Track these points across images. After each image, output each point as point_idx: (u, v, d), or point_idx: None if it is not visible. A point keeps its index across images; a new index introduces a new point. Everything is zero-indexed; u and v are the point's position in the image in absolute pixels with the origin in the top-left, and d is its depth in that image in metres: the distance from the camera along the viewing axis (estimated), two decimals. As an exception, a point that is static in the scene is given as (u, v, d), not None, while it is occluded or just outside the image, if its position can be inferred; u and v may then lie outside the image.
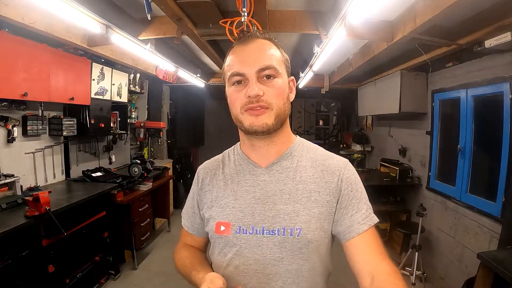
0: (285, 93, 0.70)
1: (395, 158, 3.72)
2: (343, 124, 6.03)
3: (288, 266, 0.67)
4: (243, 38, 0.69)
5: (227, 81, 0.71)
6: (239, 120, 0.69)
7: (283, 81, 0.69)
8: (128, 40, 2.10)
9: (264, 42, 0.69)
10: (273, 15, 2.20)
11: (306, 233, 0.66)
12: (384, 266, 0.64)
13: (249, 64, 0.66)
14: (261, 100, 0.65)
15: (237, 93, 0.67)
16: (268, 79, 0.66)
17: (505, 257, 1.58)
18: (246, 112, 0.67)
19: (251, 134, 0.69)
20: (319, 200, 0.69)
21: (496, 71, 2.13)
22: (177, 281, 2.76)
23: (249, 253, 0.68)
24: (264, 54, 0.67)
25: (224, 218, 0.71)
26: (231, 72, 0.68)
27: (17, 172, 2.15)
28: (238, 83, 0.67)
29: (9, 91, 1.95)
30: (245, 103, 0.66)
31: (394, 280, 0.61)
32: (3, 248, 1.60)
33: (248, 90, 0.65)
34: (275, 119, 0.67)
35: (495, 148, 2.14)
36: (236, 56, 0.69)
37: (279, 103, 0.67)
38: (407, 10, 1.89)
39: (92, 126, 2.74)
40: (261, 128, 0.66)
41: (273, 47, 0.70)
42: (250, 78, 0.65)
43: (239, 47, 0.69)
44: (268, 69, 0.66)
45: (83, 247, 2.30)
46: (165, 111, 4.87)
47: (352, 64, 3.23)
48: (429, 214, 2.71)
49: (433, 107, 2.97)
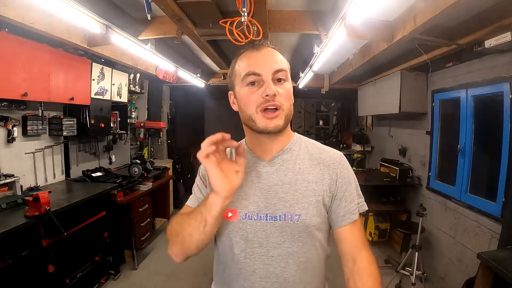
0: (292, 96, 0.77)
1: (395, 158, 3.72)
2: (343, 124, 6.03)
3: (289, 248, 0.74)
4: (257, 45, 0.77)
5: (240, 81, 0.75)
6: (252, 120, 0.74)
7: (290, 85, 0.76)
8: (128, 40, 2.10)
9: (274, 50, 0.77)
10: (273, 15, 2.20)
11: (305, 219, 0.74)
12: (365, 254, 0.77)
13: (265, 66, 0.72)
14: (275, 100, 0.71)
15: (252, 94, 0.72)
16: (280, 82, 0.73)
17: (505, 257, 1.58)
18: (261, 113, 0.72)
19: (263, 133, 0.75)
20: (316, 189, 0.77)
21: (496, 71, 2.13)
22: (177, 281, 2.77)
23: (254, 237, 0.75)
24: (277, 59, 0.75)
25: (231, 205, 0.75)
26: (246, 71, 0.73)
27: (17, 172, 2.15)
28: (252, 84, 0.73)
29: (9, 91, 1.95)
30: (261, 102, 0.71)
31: (371, 267, 0.75)
32: (3, 248, 1.61)
33: (266, 90, 0.70)
34: (285, 120, 0.74)
35: (495, 148, 2.14)
36: (251, 59, 0.75)
37: (288, 104, 0.74)
38: (407, 10, 1.89)
39: (92, 126, 2.74)
40: (274, 129, 0.73)
41: (281, 55, 0.78)
42: (266, 78, 0.71)
43: (252, 52, 0.76)
44: (281, 71, 0.73)
45: (83, 247, 2.30)
46: (165, 111, 4.87)
47: (352, 64, 3.23)
48: (429, 214, 2.71)
49: (433, 107, 2.97)
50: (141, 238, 3.08)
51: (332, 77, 4.28)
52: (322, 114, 6.64)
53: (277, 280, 0.74)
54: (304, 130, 6.47)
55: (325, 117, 6.61)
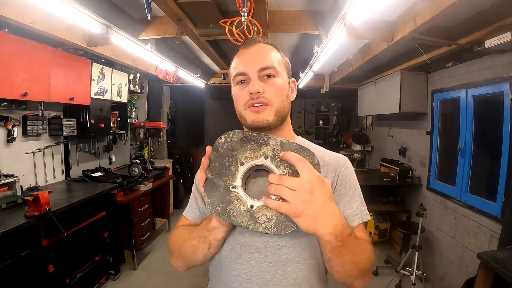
0: (285, 91, 0.75)
1: (395, 158, 3.72)
2: (343, 124, 6.03)
3: (288, 254, 0.70)
4: (247, 42, 0.77)
5: (232, 81, 0.77)
6: (242, 116, 0.74)
7: (283, 80, 0.74)
8: (128, 40, 2.10)
9: (265, 46, 0.76)
10: (273, 15, 2.20)
11: None
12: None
13: (251, 64, 0.72)
14: (261, 97, 0.70)
15: (240, 91, 0.73)
16: (269, 78, 0.72)
17: (505, 257, 1.58)
18: (248, 109, 0.72)
19: (254, 130, 0.73)
20: None
21: (496, 71, 2.13)
22: (176, 281, 2.77)
23: (251, 242, 0.72)
24: (265, 56, 0.73)
25: None
26: (235, 72, 0.74)
27: (17, 172, 2.15)
28: (242, 83, 0.73)
29: (9, 91, 1.95)
30: (247, 100, 0.71)
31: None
32: (3, 248, 1.61)
33: (250, 87, 0.70)
34: (275, 115, 0.72)
35: (495, 148, 2.14)
36: (240, 58, 0.76)
37: (278, 100, 0.72)
38: (407, 10, 1.89)
39: (92, 126, 2.74)
40: (262, 124, 0.71)
41: (274, 50, 0.76)
42: (252, 76, 0.71)
43: (242, 51, 0.76)
44: (268, 68, 0.72)
45: (83, 247, 2.30)
46: (165, 111, 4.87)
47: (352, 64, 3.23)
48: (429, 214, 2.71)
49: (433, 107, 2.97)
50: (141, 238, 3.08)
51: (332, 77, 4.28)
52: (322, 114, 6.64)
53: (274, 287, 0.70)
54: (304, 130, 6.47)
55: (325, 117, 6.61)
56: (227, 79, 4.46)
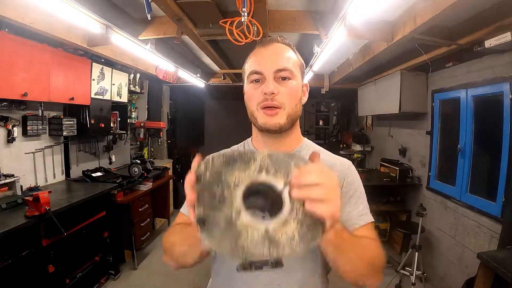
0: (298, 94, 0.75)
1: (395, 158, 3.72)
2: (343, 124, 6.03)
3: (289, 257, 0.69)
4: (264, 41, 0.76)
5: (246, 78, 0.76)
6: (254, 116, 0.74)
7: (297, 83, 0.74)
8: (128, 40, 2.10)
9: (283, 46, 0.75)
10: (273, 15, 2.20)
11: None
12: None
13: (268, 64, 0.71)
14: (275, 99, 0.70)
15: (254, 90, 0.72)
16: (284, 80, 0.72)
17: (505, 257, 1.58)
18: (261, 110, 0.72)
19: (264, 132, 0.74)
20: None
21: (496, 71, 2.13)
22: (177, 281, 2.77)
23: None
24: (282, 57, 0.73)
25: None
26: (250, 70, 0.74)
27: (17, 172, 2.15)
28: (256, 81, 0.73)
29: (9, 91, 1.95)
30: (261, 100, 0.71)
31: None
32: (3, 248, 1.61)
33: (264, 88, 0.70)
34: (287, 119, 0.72)
35: (495, 148, 2.14)
36: (256, 57, 0.75)
37: (291, 103, 0.72)
38: (407, 10, 1.89)
39: (92, 126, 2.74)
40: (274, 127, 0.71)
41: (291, 51, 0.76)
42: (267, 76, 0.71)
43: (259, 49, 0.75)
44: (284, 70, 0.71)
45: (83, 247, 2.30)
46: (165, 111, 4.87)
47: (352, 64, 3.23)
48: (429, 214, 2.71)
49: (433, 107, 2.97)
50: (141, 238, 3.08)
51: (332, 77, 4.28)
52: (322, 114, 6.64)
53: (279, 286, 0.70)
54: (304, 130, 6.47)
55: (325, 117, 6.61)
56: (227, 79, 4.47)
